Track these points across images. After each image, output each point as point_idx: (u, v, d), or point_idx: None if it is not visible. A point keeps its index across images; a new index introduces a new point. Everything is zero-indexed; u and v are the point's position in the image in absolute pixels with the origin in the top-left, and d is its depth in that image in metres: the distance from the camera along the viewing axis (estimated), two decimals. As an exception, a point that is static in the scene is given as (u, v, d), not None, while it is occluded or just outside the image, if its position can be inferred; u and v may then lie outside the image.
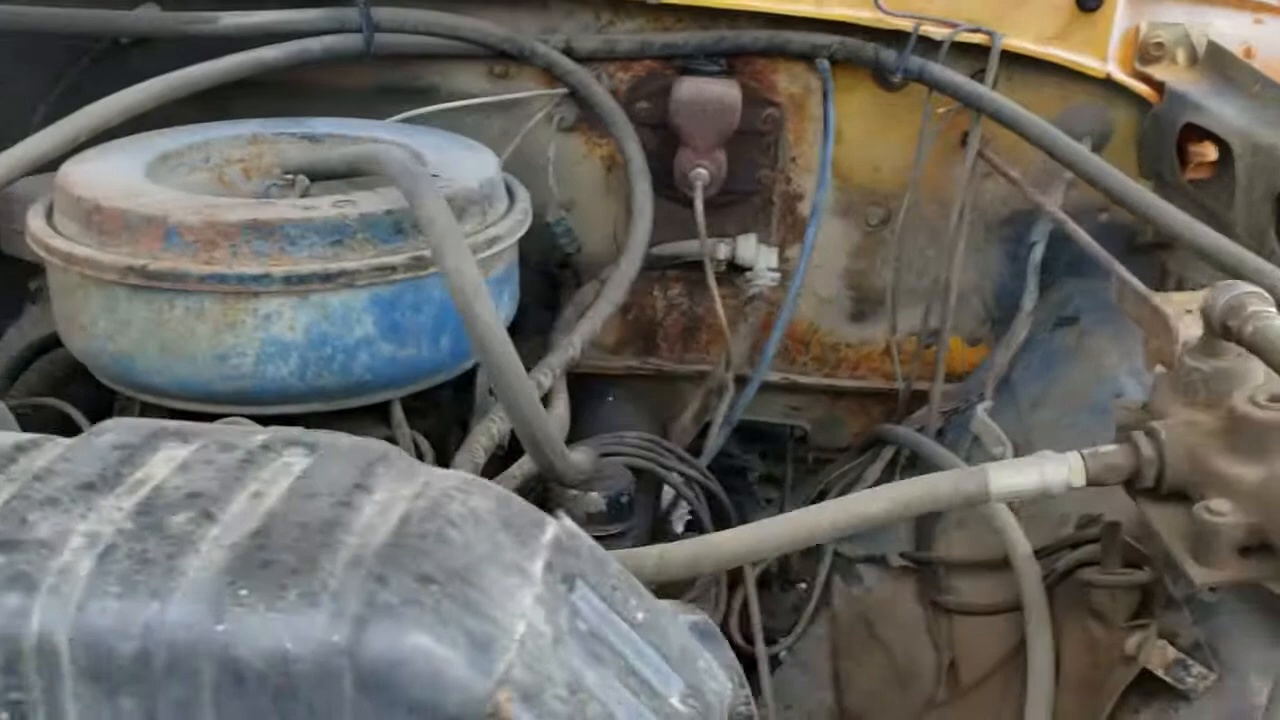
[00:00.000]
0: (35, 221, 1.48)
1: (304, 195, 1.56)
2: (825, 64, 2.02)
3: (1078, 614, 1.45)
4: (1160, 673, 1.25)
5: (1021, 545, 1.56)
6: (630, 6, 2.08)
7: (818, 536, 1.19)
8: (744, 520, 1.98)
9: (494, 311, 1.31)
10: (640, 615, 0.63)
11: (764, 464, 2.45)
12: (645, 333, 2.31)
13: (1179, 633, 1.27)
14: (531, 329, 2.00)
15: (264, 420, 1.37)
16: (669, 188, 2.10)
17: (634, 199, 1.98)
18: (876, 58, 2.00)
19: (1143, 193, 1.79)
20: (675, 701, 0.59)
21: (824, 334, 2.30)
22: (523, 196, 1.71)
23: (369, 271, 1.41)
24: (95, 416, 1.46)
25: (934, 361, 2.22)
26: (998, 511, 1.63)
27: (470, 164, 1.65)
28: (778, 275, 2.14)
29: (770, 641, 1.98)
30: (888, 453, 2.13)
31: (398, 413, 1.57)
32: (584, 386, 2.23)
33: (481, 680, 0.54)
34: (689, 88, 1.97)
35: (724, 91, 1.95)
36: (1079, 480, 1.19)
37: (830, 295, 2.27)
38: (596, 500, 1.54)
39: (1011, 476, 1.19)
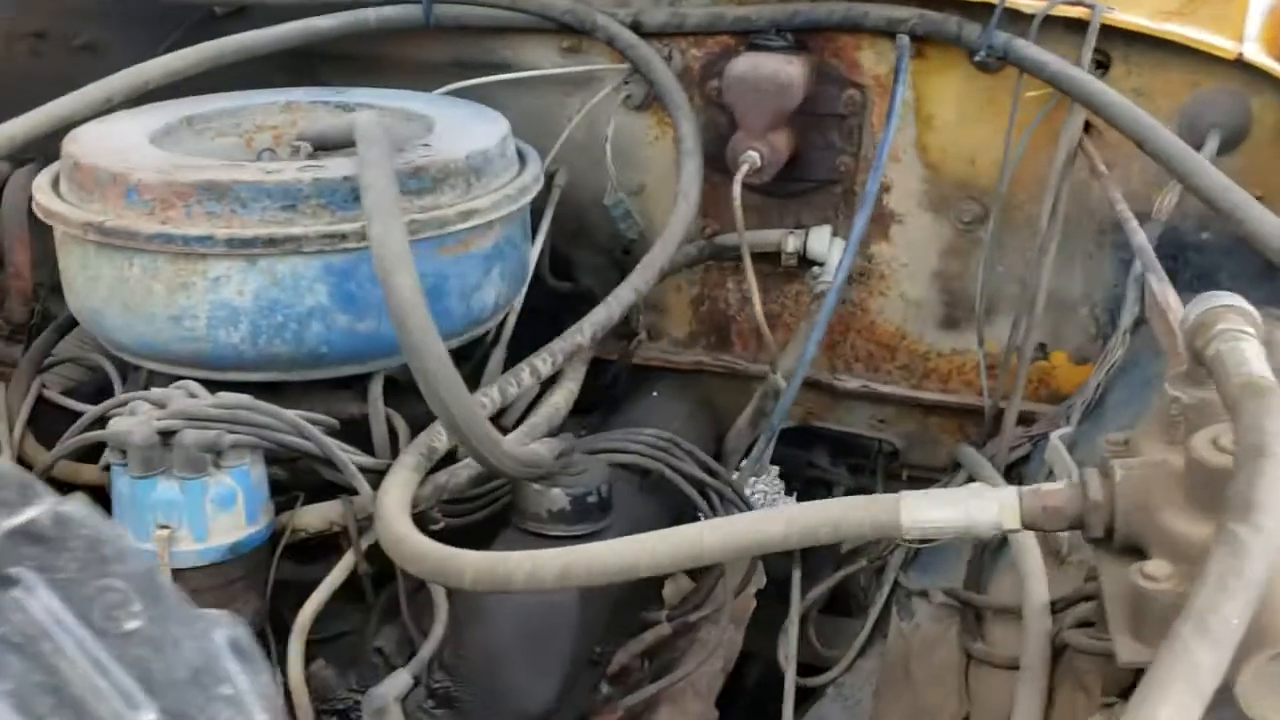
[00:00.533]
0: (41, 179, 1.52)
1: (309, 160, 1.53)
2: (905, 40, 1.82)
3: (1071, 681, 1.24)
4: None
5: (1037, 594, 1.35)
6: (701, -20, 1.95)
7: (706, 557, 1.05)
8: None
9: (416, 286, 1.23)
10: (131, 625, 0.54)
11: (853, 479, 2.27)
12: (718, 328, 2.17)
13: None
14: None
15: (226, 387, 1.36)
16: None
17: (681, 180, 1.85)
18: (959, 33, 1.78)
19: (1248, 204, 1.49)
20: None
21: (912, 341, 2.09)
22: (528, 172, 1.62)
23: (318, 238, 1.37)
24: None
25: (1036, 379, 2.00)
26: (1023, 550, 1.42)
27: (477, 136, 1.58)
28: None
29: (822, 671, 1.83)
30: (962, 477, 1.91)
31: (375, 389, 1.52)
32: (644, 378, 2.14)
33: None
34: (743, 63, 1.82)
35: (780, 68, 1.79)
36: (1011, 522, 0.99)
37: (919, 298, 2.05)
38: (558, 497, 1.43)
39: (928, 510, 1.01)
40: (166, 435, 1.30)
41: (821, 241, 1.98)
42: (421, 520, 1.46)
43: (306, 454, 1.35)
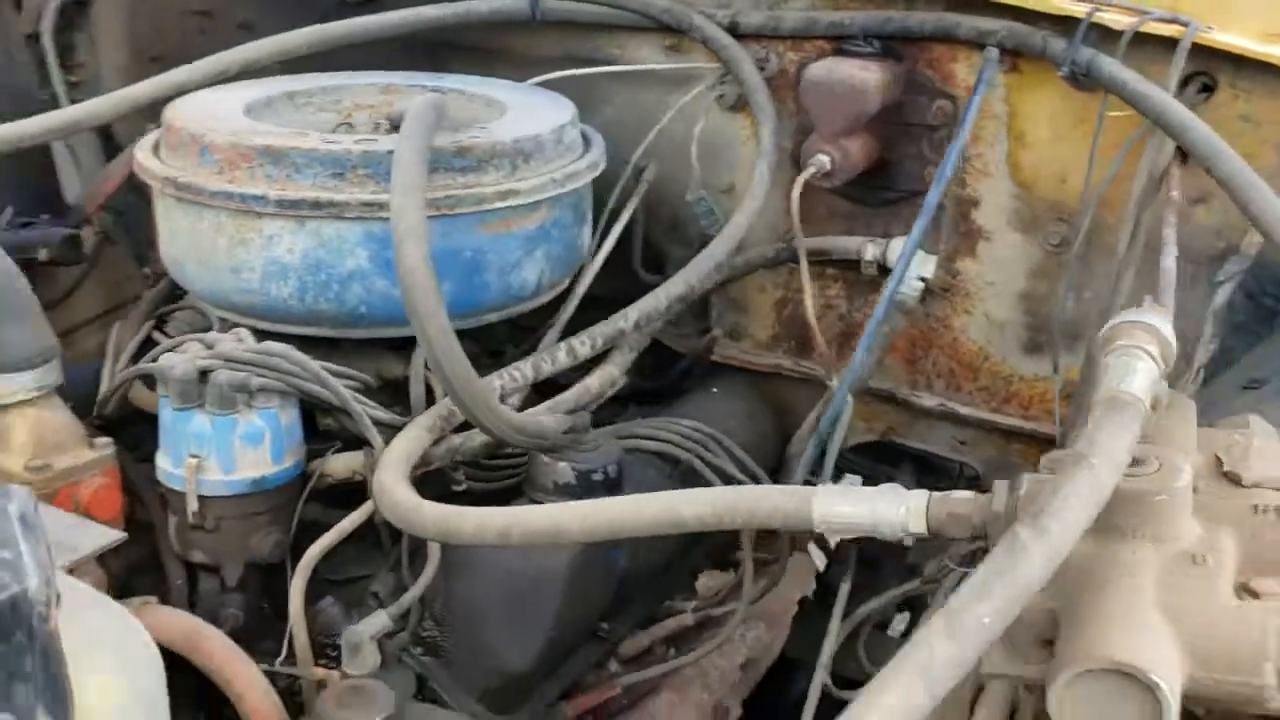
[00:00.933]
0: (147, 140, 1.69)
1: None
2: (993, 53, 1.79)
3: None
4: None
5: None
6: (804, -17, 1.96)
7: (629, 529, 1.08)
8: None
9: (424, 255, 1.32)
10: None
11: (937, 501, 2.22)
12: (799, 333, 2.17)
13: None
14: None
15: (281, 338, 1.49)
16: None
17: (753, 180, 1.87)
18: (1045, 47, 1.73)
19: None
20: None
21: (994, 363, 2.03)
22: (583, 160, 1.68)
23: (360, 205, 1.47)
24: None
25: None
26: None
27: (536, 122, 1.66)
28: (920, 285, 1.93)
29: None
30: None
31: (417, 353, 1.60)
32: (720, 376, 2.16)
33: None
34: (820, 68, 1.82)
35: (855, 73, 1.78)
36: (917, 525, 0.98)
37: (1004, 319, 2.00)
38: (564, 471, 1.49)
39: (839, 504, 1.01)
40: (206, 374, 1.43)
41: (874, 248, 1.96)
42: (443, 480, 1.55)
43: (328, 403, 1.46)
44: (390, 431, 1.47)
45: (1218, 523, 0.86)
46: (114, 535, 1.33)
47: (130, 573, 1.55)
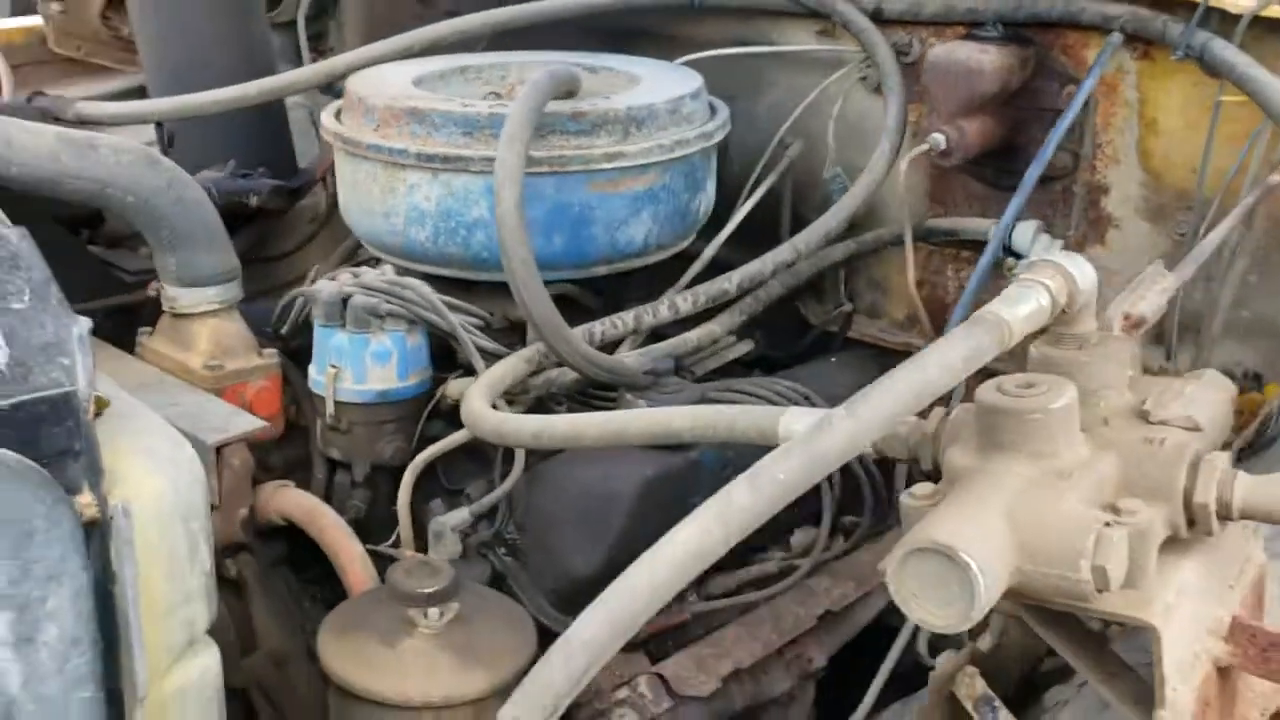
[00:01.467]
0: (333, 105, 1.97)
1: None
2: (1116, 37, 1.80)
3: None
4: (968, 706, 1.10)
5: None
6: (947, -30, 2.03)
7: (627, 438, 1.23)
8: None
9: (517, 200, 1.51)
10: (15, 305, 0.88)
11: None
12: (935, 313, 2.22)
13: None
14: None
15: (425, 278, 1.73)
16: (974, 164, 2.02)
17: (873, 157, 1.96)
18: (1164, 31, 1.73)
19: None
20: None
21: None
22: (691, 130, 1.82)
23: (482, 160, 1.68)
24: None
25: (1246, 411, 1.87)
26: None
27: (654, 93, 1.82)
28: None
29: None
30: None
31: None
32: (849, 350, 2.25)
33: None
34: (940, 50, 1.89)
35: (972, 55, 1.84)
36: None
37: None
38: (636, 406, 1.64)
39: (800, 422, 1.12)
40: (348, 299, 1.68)
41: (1025, 235, 1.98)
42: (545, 407, 1.74)
43: (443, 332, 1.68)
44: (496, 360, 1.68)
45: (1109, 450, 0.92)
46: (258, 424, 1.61)
47: (289, 466, 1.84)
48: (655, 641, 1.75)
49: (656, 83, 1.90)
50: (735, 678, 1.73)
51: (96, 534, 0.89)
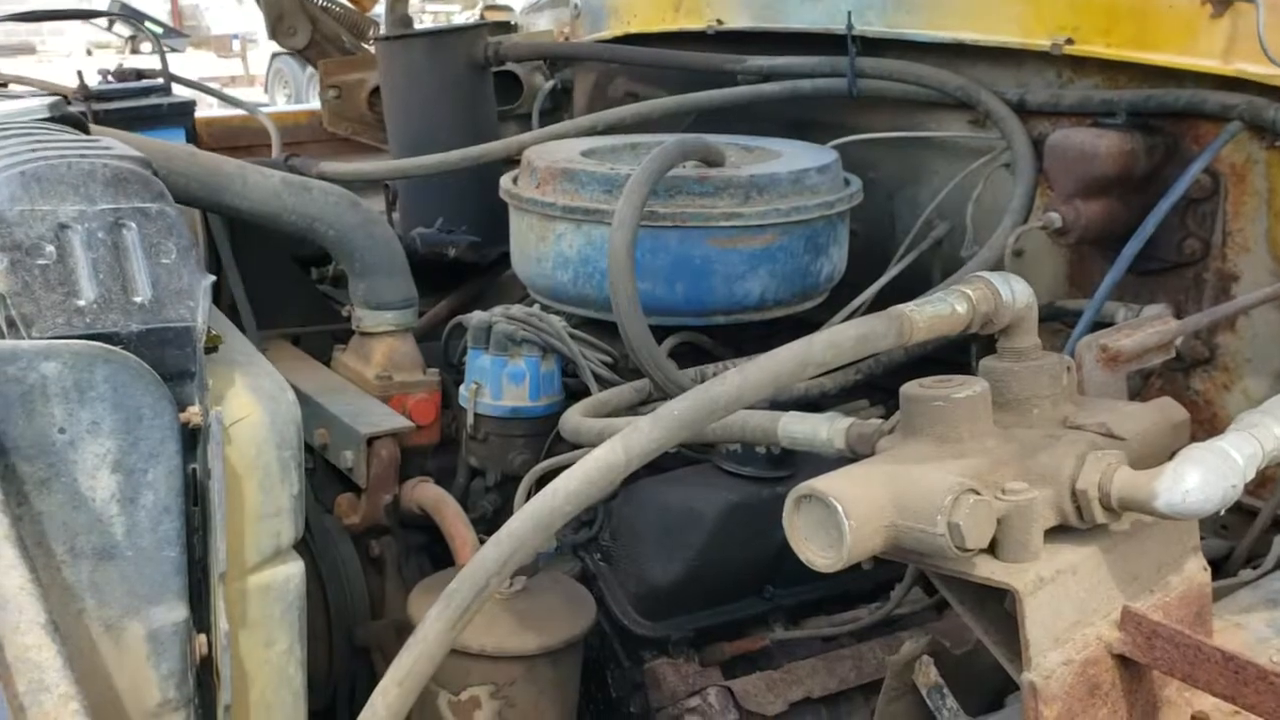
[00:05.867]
0: (512, 172, 2.28)
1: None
2: (1235, 125, 1.85)
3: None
4: (923, 692, 1.20)
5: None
6: (1089, 66, 2.13)
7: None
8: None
9: (628, 244, 1.74)
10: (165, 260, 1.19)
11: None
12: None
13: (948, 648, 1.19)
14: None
15: (570, 319, 2.00)
16: (1111, 248, 2.09)
17: (994, 234, 2.06)
18: (1274, 119, 1.77)
19: None
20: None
21: (1253, 441, 2.01)
22: (812, 199, 2.00)
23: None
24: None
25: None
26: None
27: (786, 166, 2.03)
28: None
29: None
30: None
31: (666, 343, 2.02)
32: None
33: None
34: (1058, 135, 1.99)
35: (1087, 140, 1.93)
36: (839, 442, 1.22)
37: (1261, 398, 1.98)
38: (732, 438, 1.81)
39: (795, 424, 1.28)
40: (492, 326, 1.96)
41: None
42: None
43: (568, 359, 1.92)
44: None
45: (1014, 442, 1.02)
46: (406, 424, 1.91)
47: (441, 473, 2.11)
48: (737, 664, 1.88)
49: (792, 159, 2.10)
50: (808, 706, 1.83)
51: (201, 438, 1.17)
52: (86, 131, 1.57)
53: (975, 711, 1.22)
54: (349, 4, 3.54)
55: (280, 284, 2.39)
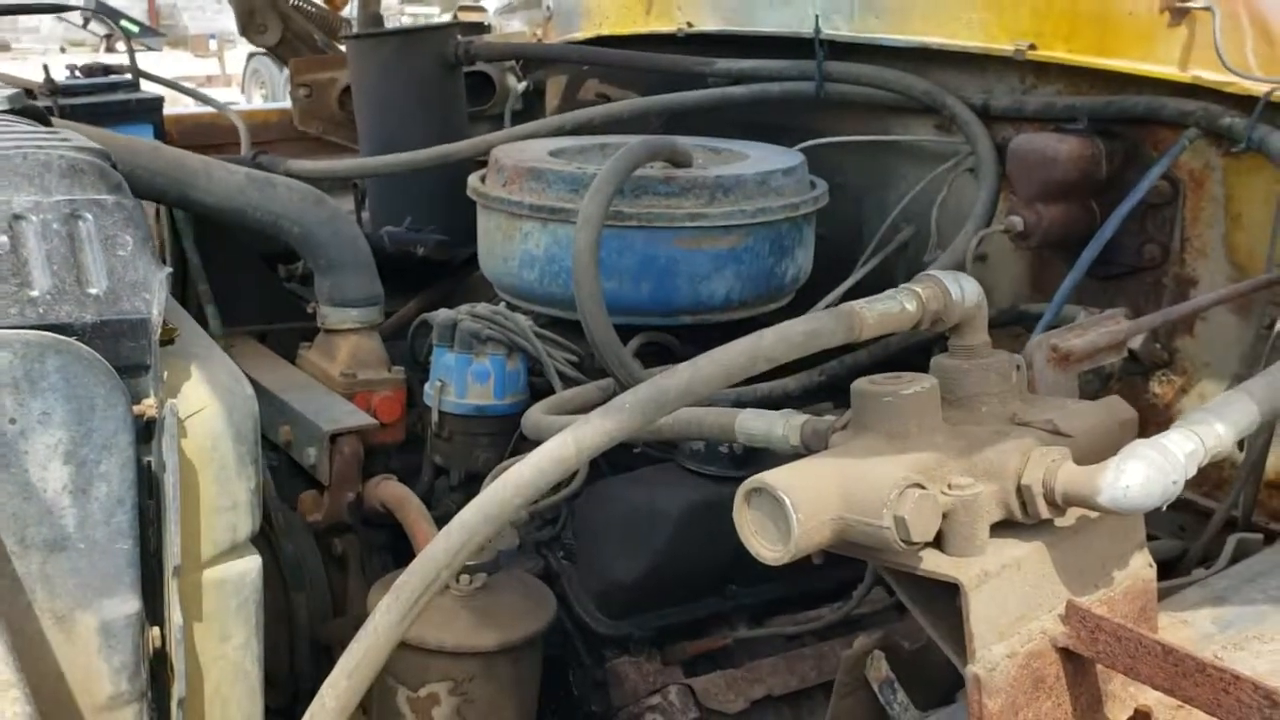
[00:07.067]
0: (479, 171, 2.29)
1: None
2: (1192, 132, 1.88)
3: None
4: (875, 687, 1.22)
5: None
6: (1052, 71, 2.15)
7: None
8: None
9: (593, 242, 1.75)
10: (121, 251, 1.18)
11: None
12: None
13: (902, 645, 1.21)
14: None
15: (534, 316, 2.01)
16: (1072, 252, 2.11)
17: (956, 238, 2.08)
18: (1230, 125, 1.80)
19: None
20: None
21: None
22: (776, 201, 2.01)
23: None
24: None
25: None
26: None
27: (751, 168, 2.04)
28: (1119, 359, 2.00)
29: None
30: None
31: (630, 344, 2.02)
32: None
33: None
34: (1020, 139, 2.01)
35: (1047, 144, 1.95)
36: (795, 439, 1.23)
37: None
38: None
39: (752, 421, 1.29)
40: (457, 324, 1.96)
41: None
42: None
43: (533, 357, 1.93)
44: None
45: (962, 438, 1.04)
46: (368, 420, 1.91)
47: (407, 471, 2.11)
48: (699, 662, 1.89)
49: (758, 161, 2.12)
50: (769, 704, 1.84)
51: (156, 430, 1.17)
52: (48, 125, 1.57)
53: (926, 707, 1.23)
54: (321, 3, 3.53)
55: (247, 281, 2.38)
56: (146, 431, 1.17)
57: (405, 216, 2.67)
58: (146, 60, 3.06)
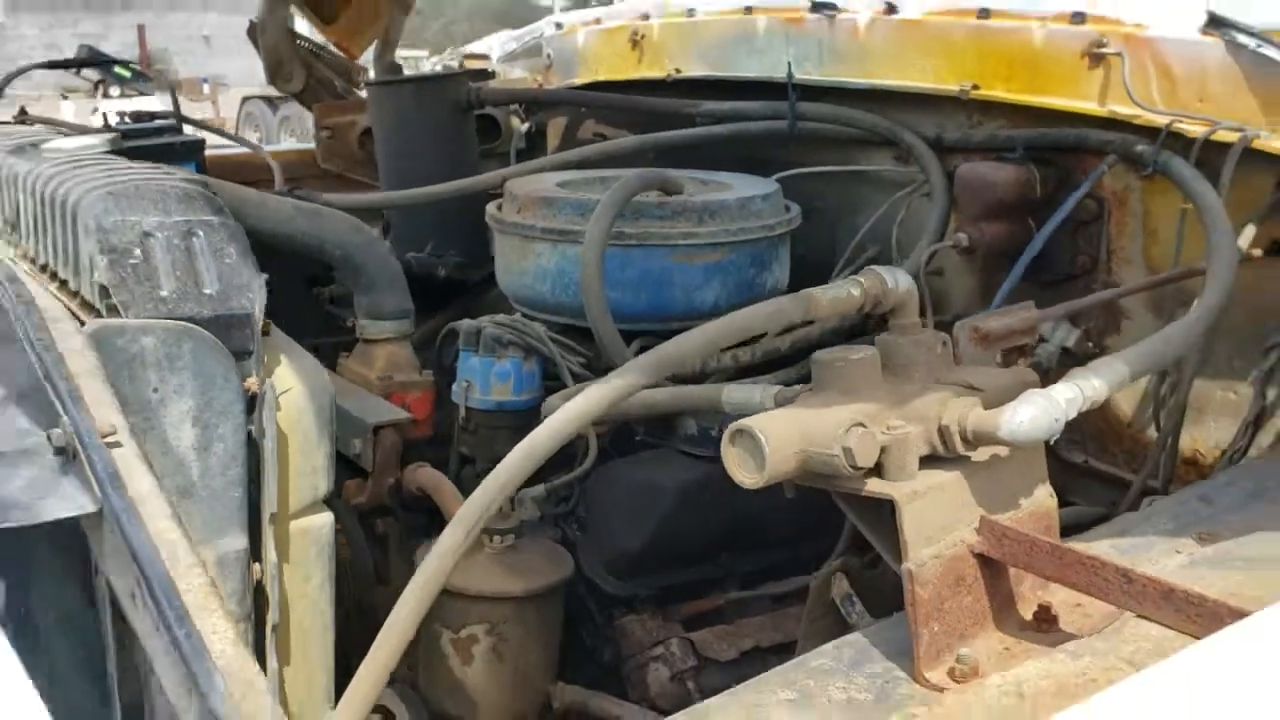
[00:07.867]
0: (496, 201, 2.60)
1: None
2: (1111, 158, 2.19)
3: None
4: (836, 600, 1.51)
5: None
6: (995, 109, 2.48)
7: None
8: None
9: (599, 258, 2.06)
10: (228, 259, 1.48)
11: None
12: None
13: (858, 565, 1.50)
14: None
15: (550, 325, 2.31)
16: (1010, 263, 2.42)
17: (912, 253, 2.39)
18: (1142, 153, 2.12)
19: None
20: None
21: (1135, 429, 2.34)
22: (756, 222, 2.32)
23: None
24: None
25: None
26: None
27: (738, 194, 2.35)
28: (1056, 352, 2.30)
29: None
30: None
31: (633, 346, 2.33)
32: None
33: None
34: (965, 168, 2.33)
35: (987, 172, 2.27)
36: (770, 404, 1.53)
37: (1143, 389, 2.32)
38: (688, 423, 2.12)
39: (736, 393, 1.59)
40: (481, 330, 2.26)
41: (1046, 326, 2.35)
42: (626, 428, 2.24)
43: (548, 359, 2.23)
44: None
45: (897, 394, 1.34)
46: (405, 415, 2.19)
47: (436, 463, 2.40)
48: (694, 620, 2.17)
49: (740, 189, 2.43)
50: (757, 654, 2.12)
51: (258, 403, 1.46)
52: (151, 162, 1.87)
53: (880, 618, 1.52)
54: (338, 51, 3.86)
55: (295, 302, 2.67)
56: (250, 404, 1.47)
57: (425, 243, 2.98)
58: (147, 104, 3.35)
